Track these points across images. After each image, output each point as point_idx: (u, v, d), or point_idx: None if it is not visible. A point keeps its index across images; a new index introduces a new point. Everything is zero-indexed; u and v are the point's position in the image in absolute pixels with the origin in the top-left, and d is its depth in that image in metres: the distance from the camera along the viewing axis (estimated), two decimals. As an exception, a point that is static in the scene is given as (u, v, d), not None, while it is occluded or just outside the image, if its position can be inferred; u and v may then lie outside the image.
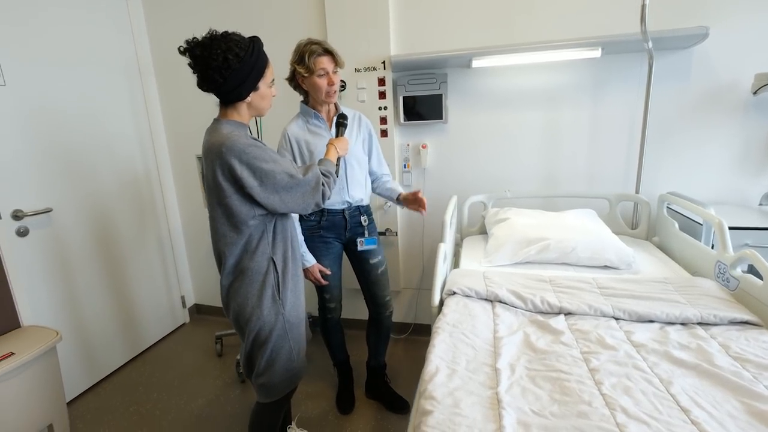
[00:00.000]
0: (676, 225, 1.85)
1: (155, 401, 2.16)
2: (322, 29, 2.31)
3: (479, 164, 2.32)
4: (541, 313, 1.33)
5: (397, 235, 2.45)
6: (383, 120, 2.33)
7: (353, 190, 1.76)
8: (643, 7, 1.66)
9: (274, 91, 1.37)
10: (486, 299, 1.40)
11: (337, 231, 1.80)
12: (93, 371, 2.31)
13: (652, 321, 1.26)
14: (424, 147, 2.35)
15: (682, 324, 1.26)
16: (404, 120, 2.30)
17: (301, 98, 1.75)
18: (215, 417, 2.01)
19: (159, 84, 2.69)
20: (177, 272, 2.90)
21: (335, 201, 1.74)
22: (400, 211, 2.48)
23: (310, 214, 1.76)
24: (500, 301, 1.37)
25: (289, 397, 1.54)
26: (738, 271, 1.43)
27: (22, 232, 1.96)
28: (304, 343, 1.50)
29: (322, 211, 1.75)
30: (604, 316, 1.28)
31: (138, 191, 2.58)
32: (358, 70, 2.28)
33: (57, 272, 2.12)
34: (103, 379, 2.37)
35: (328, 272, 1.79)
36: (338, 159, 1.52)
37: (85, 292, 2.26)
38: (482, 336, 1.19)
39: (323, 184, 1.34)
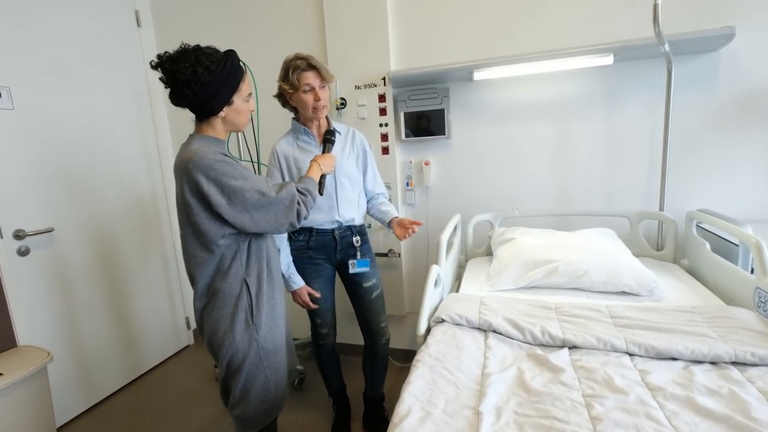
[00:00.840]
0: (708, 246, 1.64)
1: (148, 427, 2.08)
2: (322, 47, 2.27)
3: (486, 181, 2.19)
4: (542, 345, 1.16)
5: (400, 256, 2.32)
6: (384, 137, 2.24)
7: (343, 209, 1.66)
8: (656, 6, 1.51)
9: (252, 106, 1.31)
10: (479, 328, 1.24)
11: (327, 252, 1.70)
12: (90, 394, 2.26)
13: (674, 359, 1.07)
14: (426, 164, 2.24)
15: (712, 363, 1.06)
16: (405, 136, 2.20)
17: (292, 115, 1.70)
18: None
19: (168, 105, 2.73)
20: (182, 293, 2.86)
21: (324, 220, 1.65)
22: (405, 232, 2.36)
23: (297, 234, 1.67)
24: (494, 331, 1.21)
25: (269, 430, 1.42)
26: (781, 300, 1.22)
27: (23, 252, 1.96)
28: (284, 372, 1.38)
29: (311, 230, 1.66)
30: (616, 351, 1.10)
31: (143, 212, 2.57)
32: (358, 87, 2.22)
33: (57, 292, 2.10)
34: (101, 401, 2.31)
35: (317, 295, 1.68)
36: (322, 176, 1.44)
37: (85, 312, 2.23)
38: (468, 372, 1.04)
39: (299, 203, 1.25)
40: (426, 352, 1.11)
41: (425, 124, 2.16)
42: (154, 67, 1.18)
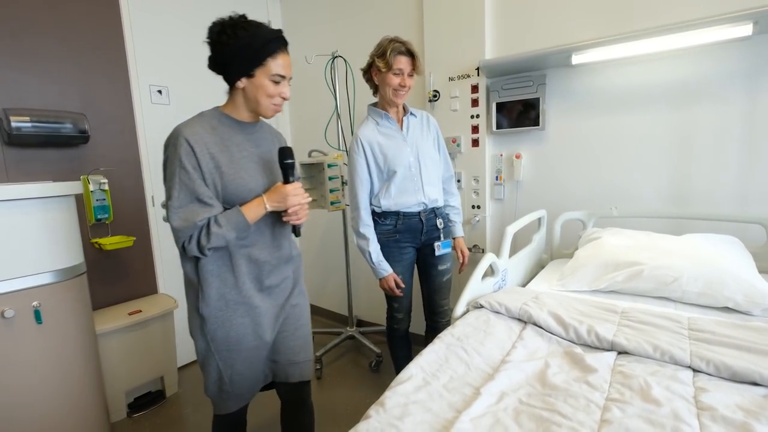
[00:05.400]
0: None
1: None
2: (420, 39, 2.33)
3: (583, 177, 1.97)
4: (586, 346, 1.03)
5: (484, 252, 2.24)
6: (475, 129, 2.20)
7: (428, 189, 1.67)
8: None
9: (282, 92, 1.15)
10: (518, 319, 1.15)
11: (413, 235, 1.69)
12: (208, 343, 2.70)
13: (756, 384, 0.84)
14: (518, 157, 2.12)
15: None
16: (497, 128, 2.12)
17: (370, 102, 1.77)
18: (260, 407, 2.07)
19: (288, 104, 3.10)
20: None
21: (411, 203, 1.64)
22: (490, 227, 2.27)
23: (384, 218, 1.66)
24: (535, 324, 1.11)
25: (232, 420, 1.32)
26: None
27: (167, 219, 2.45)
28: (245, 371, 1.22)
29: (398, 214, 1.65)
30: (676, 363, 0.91)
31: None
32: (451, 79, 2.23)
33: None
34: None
35: (403, 285, 1.68)
36: (281, 213, 1.17)
37: (209, 274, 2.68)
38: (487, 355, 0.98)
39: (196, 237, 1.09)
40: (449, 332, 1.08)
41: (518, 115, 2.05)
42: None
